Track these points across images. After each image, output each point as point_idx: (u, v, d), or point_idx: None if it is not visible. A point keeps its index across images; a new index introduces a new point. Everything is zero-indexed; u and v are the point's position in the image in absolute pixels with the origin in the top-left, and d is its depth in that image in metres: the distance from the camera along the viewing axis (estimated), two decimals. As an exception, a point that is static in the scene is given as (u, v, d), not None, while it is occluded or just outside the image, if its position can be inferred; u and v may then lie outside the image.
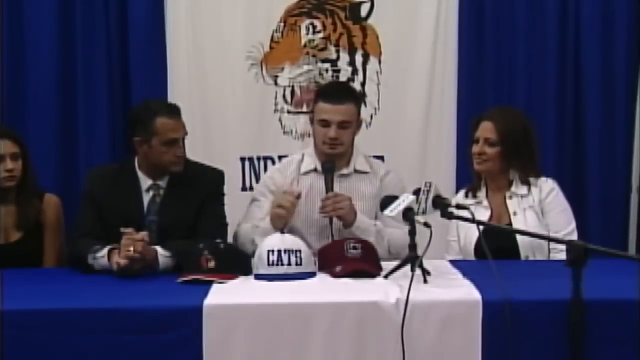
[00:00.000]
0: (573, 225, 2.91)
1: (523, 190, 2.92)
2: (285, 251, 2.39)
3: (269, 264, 2.38)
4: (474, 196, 3.00)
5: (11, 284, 2.24)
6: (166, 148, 2.80)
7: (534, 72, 3.79)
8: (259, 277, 2.38)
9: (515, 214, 2.88)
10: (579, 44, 3.76)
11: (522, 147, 2.92)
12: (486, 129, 2.93)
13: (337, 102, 2.88)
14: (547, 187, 2.92)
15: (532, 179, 2.93)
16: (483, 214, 2.89)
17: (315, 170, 2.97)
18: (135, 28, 3.74)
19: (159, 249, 2.58)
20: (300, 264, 2.39)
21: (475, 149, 2.94)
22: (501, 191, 2.95)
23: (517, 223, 2.86)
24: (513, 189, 2.93)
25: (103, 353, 2.01)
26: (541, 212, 2.89)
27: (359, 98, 3.03)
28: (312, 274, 2.41)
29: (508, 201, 2.91)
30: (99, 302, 2.12)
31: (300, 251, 2.41)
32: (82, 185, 3.06)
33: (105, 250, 2.57)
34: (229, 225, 2.99)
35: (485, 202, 2.97)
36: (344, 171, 2.96)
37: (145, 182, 2.87)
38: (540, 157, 3.01)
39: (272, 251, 2.39)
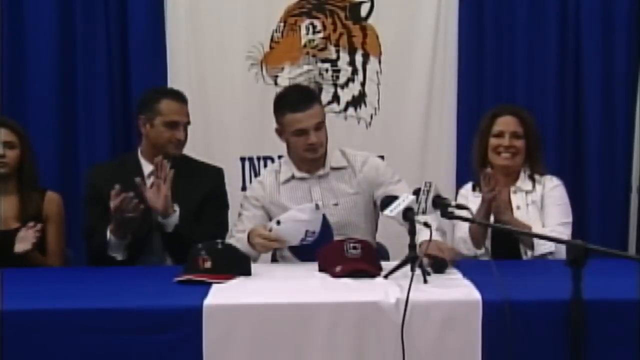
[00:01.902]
0: (569, 219, 2.93)
1: (528, 186, 2.96)
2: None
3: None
4: (481, 191, 3.01)
5: (11, 284, 2.24)
6: (167, 129, 2.91)
7: (534, 72, 3.79)
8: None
9: (518, 208, 2.91)
10: (579, 44, 3.77)
11: (539, 142, 3.01)
12: (511, 123, 2.98)
13: (306, 108, 2.86)
14: (552, 184, 2.97)
15: (537, 176, 2.98)
16: None
17: (293, 177, 2.97)
18: (135, 28, 3.75)
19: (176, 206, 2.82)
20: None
21: (503, 142, 2.97)
22: (507, 186, 2.96)
23: (519, 217, 2.89)
24: (518, 184, 2.97)
25: (103, 353, 2.00)
26: (541, 207, 2.92)
27: (318, 95, 3.05)
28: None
29: (512, 195, 2.92)
30: (99, 302, 2.12)
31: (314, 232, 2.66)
32: (83, 183, 3.07)
33: (108, 233, 2.75)
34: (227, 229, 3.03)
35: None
36: (321, 172, 2.96)
37: (147, 167, 2.95)
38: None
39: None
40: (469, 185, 3.09)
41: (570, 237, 2.78)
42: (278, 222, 2.66)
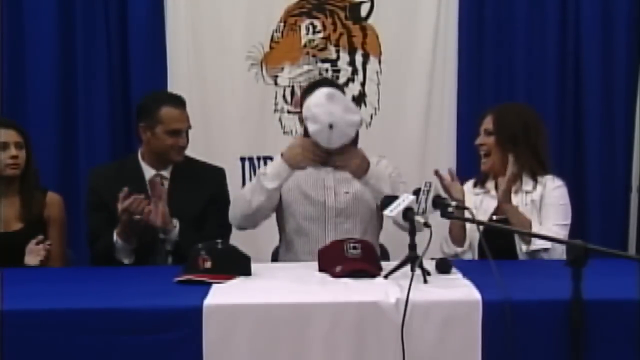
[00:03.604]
0: (567, 221, 2.89)
1: (528, 186, 2.92)
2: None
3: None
4: (483, 186, 3.01)
5: (11, 284, 2.24)
6: (169, 137, 2.90)
7: (534, 72, 3.79)
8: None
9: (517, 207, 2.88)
10: (579, 44, 3.77)
11: (519, 137, 2.91)
12: (486, 121, 2.98)
13: None
14: (553, 185, 2.92)
15: (539, 177, 2.93)
16: (492, 204, 2.92)
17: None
18: (135, 28, 3.75)
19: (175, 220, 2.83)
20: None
21: (477, 141, 2.99)
22: (508, 185, 2.95)
23: None
24: (519, 184, 2.92)
25: (103, 353, 2.00)
26: (540, 207, 2.89)
27: (343, 91, 3.11)
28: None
29: (513, 195, 2.91)
30: (99, 302, 2.12)
31: (343, 144, 2.74)
32: (83, 184, 3.07)
33: (115, 236, 2.75)
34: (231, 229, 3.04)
35: (493, 192, 2.99)
36: (339, 163, 2.98)
37: (148, 172, 2.95)
38: (547, 155, 2.99)
39: (319, 145, 2.74)
40: (470, 183, 3.09)
41: (567, 238, 2.77)
42: None
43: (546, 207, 2.89)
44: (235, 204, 2.92)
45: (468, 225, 2.92)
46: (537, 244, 2.76)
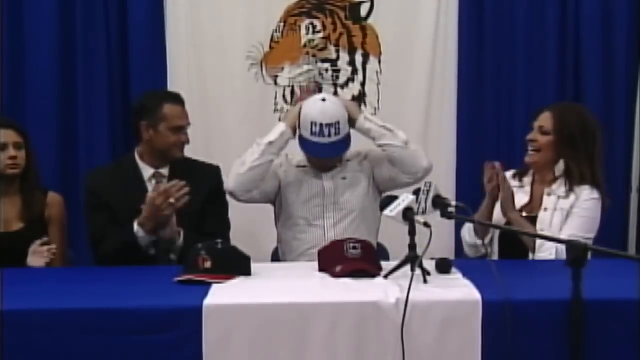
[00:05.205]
0: (587, 235, 2.78)
1: (562, 191, 2.87)
2: (326, 125, 2.89)
3: (312, 134, 2.91)
4: (520, 180, 2.99)
5: (11, 284, 2.25)
6: (173, 134, 2.92)
7: (534, 72, 3.79)
8: (302, 138, 2.97)
9: (545, 210, 2.86)
10: (579, 44, 3.76)
11: (578, 142, 2.85)
12: (544, 118, 2.93)
13: None
14: (586, 196, 2.84)
15: (576, 187, 2.85)
16: (523, 199, 2.92)
17: (304, 166, 3.10)
18: (135, 28, 3.75)
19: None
20: (339, 134, 2.91)
21: (529, 136, 2.94)
22: (544, 185, 2.93)
23: (542, 219, 2.85)
24: (554, 187, 2.89)
25: (103, 353, 2.01)
26: (567, 215, 2.84)
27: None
28: (347, 138, 2.96)
29: (545, 197, 2.89)
30: (99, 302, 2.12)
31: (338, 122, 2.90)
32: (83, 184, 3.07)
33: (136, 227, 2.74)
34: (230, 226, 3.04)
35: (527, 188, 2.97)
36: (338, 164, 3.09)
37: (147, 171, 2.95)
38: (599, 165, 2.90)
39: (315, 124, 2.89)
40: (509, 173, 3.01)
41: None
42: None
43: (572, 216, 2.83)
44: (232, 167, 3.02)
45: (495, 220, 2.92)
46: (540, 256, 2.74)
